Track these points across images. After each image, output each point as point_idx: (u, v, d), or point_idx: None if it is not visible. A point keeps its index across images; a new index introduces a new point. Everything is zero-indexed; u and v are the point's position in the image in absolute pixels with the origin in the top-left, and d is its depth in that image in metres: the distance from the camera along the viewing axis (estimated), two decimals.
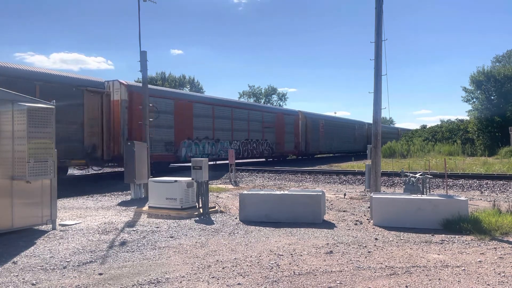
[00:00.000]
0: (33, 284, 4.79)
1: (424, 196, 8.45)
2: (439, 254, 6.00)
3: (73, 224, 8.19)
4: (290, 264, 5.54)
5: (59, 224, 8.07)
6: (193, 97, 23.64)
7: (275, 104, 80.00)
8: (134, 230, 7.66)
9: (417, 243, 6.67)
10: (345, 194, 12.53)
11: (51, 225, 7.77)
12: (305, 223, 8.16)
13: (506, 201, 10.95)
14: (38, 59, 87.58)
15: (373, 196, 8.46)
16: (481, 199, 11.79)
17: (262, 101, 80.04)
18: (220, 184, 16.12)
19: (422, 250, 6.26)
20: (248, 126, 26.16)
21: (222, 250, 6.26)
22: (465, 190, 14.02)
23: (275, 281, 4.87)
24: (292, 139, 32.08)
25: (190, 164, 10.08)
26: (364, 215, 9.18)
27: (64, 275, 5.13)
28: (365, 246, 6.46)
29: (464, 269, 5.26)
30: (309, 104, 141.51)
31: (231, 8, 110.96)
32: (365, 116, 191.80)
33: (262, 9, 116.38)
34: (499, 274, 5.09)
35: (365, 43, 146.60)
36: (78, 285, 4.77)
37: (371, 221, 8.30)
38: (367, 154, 14.85)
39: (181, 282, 4.86)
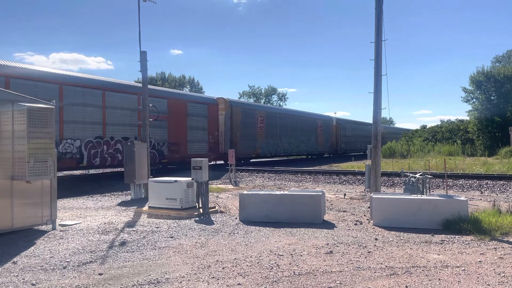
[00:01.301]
0: (33, 284, 4.79)
1: (424, 196, 8.45)
2: (439, 254, 6.00)
3: (73, 224, 8.19)
4: (290, 264, 5.54)
5: (59, 224, 8.08)
6: None
7: (275, 104, 79.76)
8: (134, 230, 7.66)
9: (417, 243, 6.67)
10: (345, 194, 12.54)
11: (51, 225, 7.77)
12: (305, 223, 8.16)
13: (506, 201, 10.95)
14: (38, 59, 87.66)
15: (373, 196, 8.46)
16: (481, 199, 11.79)
17: (262, 101, 79.94)
18: (220, 184, 16.12)
19: (422, 250, 6.26)
20: (103, 116, 16.45)
21: (222, 250, 6.26)
22: (465, 190, 14.01)
23: (275, 281, 4.87)
24: (205, 138, 22.44)
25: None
26: (364, 215, 9.18)
27: (64, 275, 5.13)
28: (365, 246, 6.46)
29: (464, 269, 5.26)
30: (309, 104, 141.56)
31: (231, 8, 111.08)
32: (365, 116, 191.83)
33: (261, 9, 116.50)
34: (499, 274, 5.09)
35: (365, 43, 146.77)
36: (78, 285, 4.77)
37: (371, 221, 8.30)
38: (367, 154, 14.85)
39: (181, 282, 4.86)
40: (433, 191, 13.24)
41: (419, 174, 10.04)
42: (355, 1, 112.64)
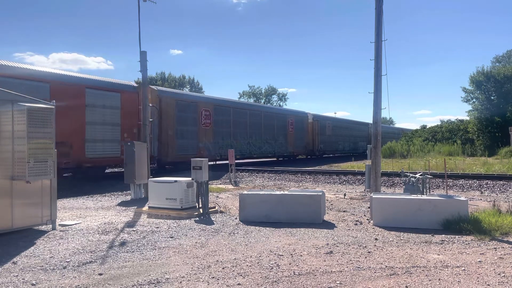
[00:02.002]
0: (33, 284, 4.79)
1: (424, 196, 8.45)
2: (439, 254, 6.00)
3: (73, 224, 8.19)
4: (290, 264, 5.54)
5: (59, 224, 8.07)
6: None
7: (275, 105, 79.76)
8: (134, 230, 7.65)
9: (417, 243, 6.67)
10: (345, 194, 12.53)
11: (51, 225, 7.77)
12: (305, 223, 8.16)
13: (506, 201, 10.95)
14: (37, 59, 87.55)
15: (373, 196, 8.46)
16: (481, 199, 11.79)
17: (262, 101, 79.90)
18: (220, 184, 16.12)
19: (422, 250, 6.26)
20: None
21: (222, 250, 6.26)
22: (465, 190, 14.01)
23: (275, 281, 4.87)
24: (116, 137, 16.76)
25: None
26: (364, 215, 9.18)
27: (64, 275, 5.13)
28: (365, 246, 6.46)
29: (464, 269, 5.26)
30: (309, 104, 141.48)
31: (231, 8, 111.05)
32: (366, 116, 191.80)
33: (261, 9, 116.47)
34: (499, 274, 5.09)
35: (365, 44, 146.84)
36: (78, 285, 4.77)
37: (371, 221, 8.30)
38: (367, 154, 14.84)
39: (181, 282, 4.86)
40: (433, 191, 13.24)
41: (419, 174, 10.04)
42: (355, 1, 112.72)
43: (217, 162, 23.65)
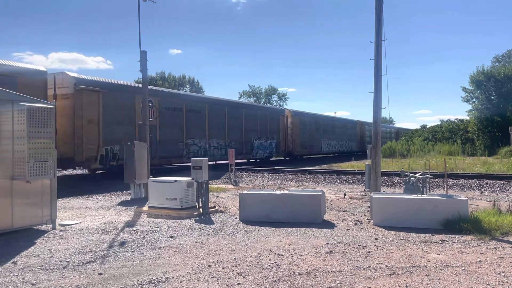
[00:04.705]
0: (33, 284, 4.79)
1: (424, 196, 8.44)
2: (439, 254, 6.00)
3: (73, 224, 8.19)
4: (290, 264, 5.54)
5: (59, 224, 8.07)
6: None
7: (275, 104, 79.86)
8: (134, 230, 7.65)
9: (417, 243, 6.67)
10: (345, 194, 12.53)
11: (51, 225, 7.77)
12: (305, 223, 8.15)
13: (506, 201, 10.94)
14: (37, 59, 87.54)
15: (373, 196, 8.45)
16: (481, 199, 11.79)
17: (262, 101, 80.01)
18: (220, 184, 16.12)
19: (422, 250, 6.26)
20: None
21: (222, 250, 6.26)
22: (465, 190, 14.01)
23: (275, 281, 4.87)
24: None
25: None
26: (364, 215, 9.18)
27: (64, 275, 5.13)
28: (365, 246, 6.46)
29: (464, 269, 5.26)
30: (309, 104, 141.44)
31: (230, 8, 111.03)
32: (366, 116, 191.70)
33: (261, 8, 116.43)
34: (499, 274, 5.09)
35: (365, 43, 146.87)
36: (78, 285, 4.77)
37: (371, 221, 8.30)
38: (367, 154, 14.84)
39: (181, 282, 4.86)
40: (433, 191, 13.24)
41: (419, 173, 10.04)
42: (355, 1, 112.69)
43: None
